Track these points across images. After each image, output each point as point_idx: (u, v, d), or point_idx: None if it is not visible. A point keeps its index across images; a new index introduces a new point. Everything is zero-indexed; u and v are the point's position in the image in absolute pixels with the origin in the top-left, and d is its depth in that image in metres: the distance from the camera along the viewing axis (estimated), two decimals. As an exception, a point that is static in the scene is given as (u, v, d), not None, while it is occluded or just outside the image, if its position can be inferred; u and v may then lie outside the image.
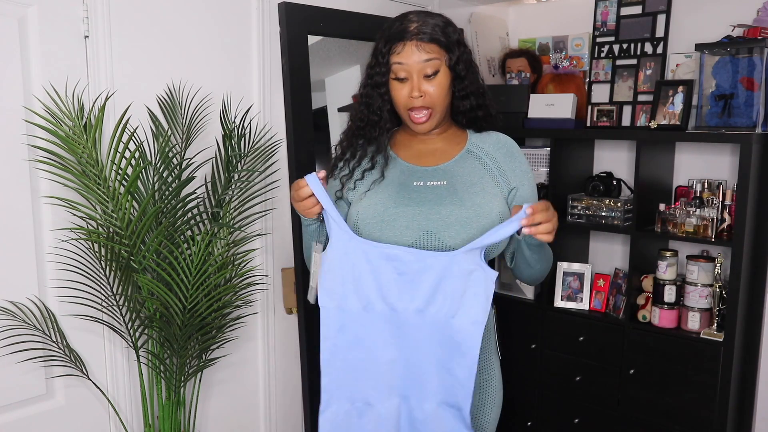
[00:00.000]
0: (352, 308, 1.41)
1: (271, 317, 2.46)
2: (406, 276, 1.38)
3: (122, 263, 1.84)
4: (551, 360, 2.74)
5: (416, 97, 1.44)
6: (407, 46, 1.42)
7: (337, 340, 1.43)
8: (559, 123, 2.75)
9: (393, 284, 1.39)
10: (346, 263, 1.40)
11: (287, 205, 2.41)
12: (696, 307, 2.42)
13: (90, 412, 2.05)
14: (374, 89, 1.49)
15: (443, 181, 1.48)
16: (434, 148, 1.54)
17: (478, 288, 1.37)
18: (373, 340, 1.41)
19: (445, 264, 1.37)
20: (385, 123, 1.51)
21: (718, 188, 2.45)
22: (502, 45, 3.25)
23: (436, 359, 1.40)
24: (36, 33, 1.83)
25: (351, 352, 1.43)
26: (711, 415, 2.35)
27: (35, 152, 1.81)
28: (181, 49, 2.12)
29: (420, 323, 1.39)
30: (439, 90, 1.45)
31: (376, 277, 1.39)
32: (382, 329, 1.41)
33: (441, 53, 1.44)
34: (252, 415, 2.49)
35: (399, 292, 1.39)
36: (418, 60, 1.42)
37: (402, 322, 1.40)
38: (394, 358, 1.42)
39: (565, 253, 2.77)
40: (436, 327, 1.39)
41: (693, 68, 2.60)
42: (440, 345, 1.40)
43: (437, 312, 1.38)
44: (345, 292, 1.41)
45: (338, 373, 1.44)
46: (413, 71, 1.43)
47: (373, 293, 1.39)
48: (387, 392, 1.44)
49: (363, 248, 1.40)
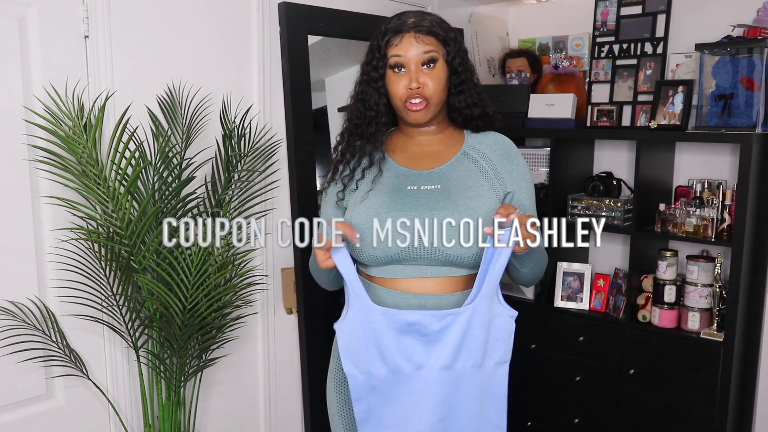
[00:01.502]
0: (379, 373, 1.42)
1: (271, 317, 2.46)
2: (429, 337, 1.39)
3: (122, 263, 1.84)
4: (551, 360, 2.74)
5: (414, 88, 1.43)
6: (405, 37, 1.43)
7: (370, 401, 1.44)
8: (559, 123, 2.74)
9: (417, 347, 1.39)
10: (368, 332, 1.41)
11: (287, 205, 2.41)
12: (696, 307, 2.42)
13: (90, 412, 2.05)
14: (370, 85, 1.49)
15: (437, 185, 1.46)
16: (430, 151, 1.53)
17: (501, 332, 1.41)
18: (405, 399, 1.42)
19: (467, 318, 1.38)
20: (381, 117, 1.50)
21: (718, 188, 2.45)
22: (502, 45, 3.25)
23: (468, 410, 1.42)
24: (36, 33, 1.82)
25: (385, 409, 1.44)
26: (711, 415, 2.35)
27: (35, 152, 1.81)
28: (181, 49, 2.12)
29: (447, 379, 1.40)
30: (436, 82, 1.44)
31: (399, 342, 1.40)
32: (412, 389, 1.41)
33: (438, 46, 1.45)
34: (252, 415, 2.49)
35: (425, 353, 1.39)
36: (417, 51, 1.43)
37: (431, 379, 1.40)
38: (428, 415, 1.41)
39: (565, 253, 2.77)
40: (464, 379, 1.40)
41: (693, 68, 2.60)
42: (470, 395, 1.41)
43: (463, 365, 1.39)
44: (369, 359, 1.41)
45: (375, 428, 1.45)
46: (411, 62, 1.44)
47: (398, 358, 1.40)
48: None
49: (383, 318, 1.40)
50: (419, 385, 1.41)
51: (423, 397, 1.41)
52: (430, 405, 1.41)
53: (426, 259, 1.42)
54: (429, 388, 1.40)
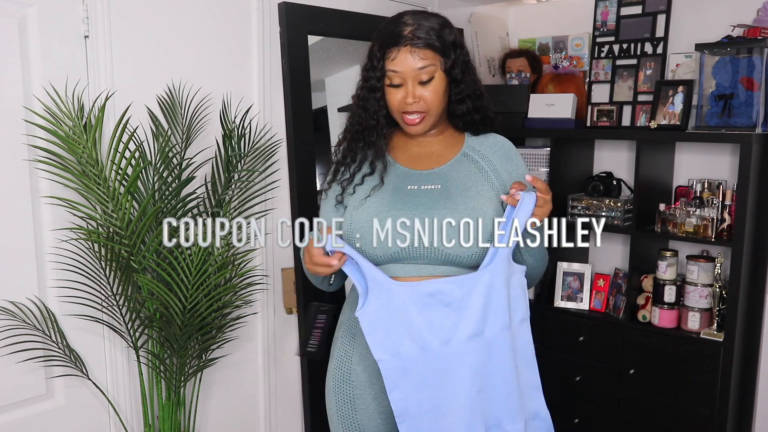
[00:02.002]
0: (409, 353, 1.38)
1: (271, 317, 2.46)
2: (453, 306, 1.37)
3: (122, 263, 1.84)
4: (551, 360, 2.74)
5: (410, 103, 1.43)
6: (401, 52, 1.41)
7: (404, 387, 1.40)
8: (559, 123, 2.75)
9: (443, 318, 1.37)
10: (393, 311, 1.38)
11: (287, 205, 2.41)
12: (696, 307, 2.42)
13: (90, 412, 2.05)
14: (370, 93, 1.48)
15: (437, 185, 1.47)
16: (430, 151, 1.53)
17: (519, 289, 1.41)
18: (439, 379, 1.39)
19: (488, 281, 1.37)
20: (382, 128, 1.50)
21: (718, 188, 2.45)
22: (502, 45, 3.25)
23: (504, 376, 1.40)
24: (36, 33, 1.82)
25: (421, 394, 1.40)
26: (711, 415, 2.35)
27: (35, 152, 1.81)
28: (181, 49, 2.12)
29: (477, 347, 1.38)
30: (433, 95, 1.44)
31: (424, 317, 1.37)
32: (445, 366, 1.38)
33: (436, 58, 1.42)
34: (252, 415, 2.49)
35: (452, 324, 1.37)
36: (413, 67, 1.41)
37: (462, 351, 1.38)
38: (464, 389, 1.39)
39: (565, 253, 2.77)
40: (494, 344, 1.39)
41: (693, 68, 2.60)
42: (504, 359, 1.40)
43: (492, 329, 1.38)
44: (397, 339, 1.38)
45: (414, 419, 1.41)
46: (408, 78, 1.42)
47: (425, 333, 1.37)
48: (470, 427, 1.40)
49: (404, 290, 1.38)
50: (451, 360, 1.38)
51: (456, 372, 1.38)
52: (466, 378, 1.38)
53: (426, 259, 1.42)
54: (461, 361, 1.38)
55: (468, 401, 1.39)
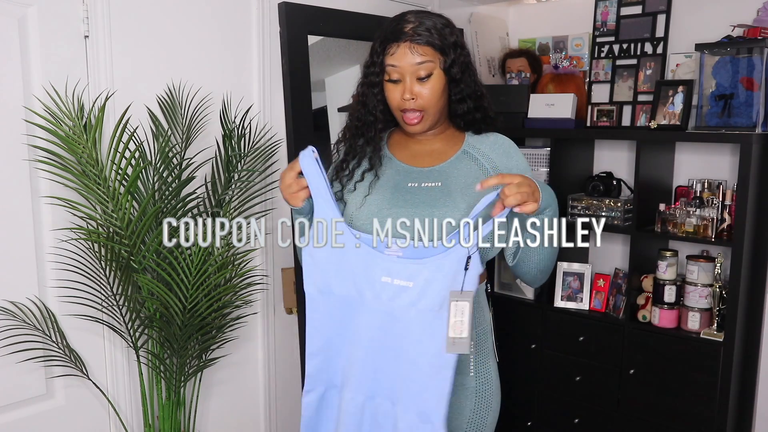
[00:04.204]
0: (338, 294, 1.39)
1: (271, 317, 2.46)
2: (402, 274, 1.35)
3: (122, 263, 1.84)
4: (551, 360, 2.74)
5: (408, 100, 1.43)
6: (401, 47, 1.41)
7: (323, 325, 1.42)
8: (559, 123, 2.74)
9: (386, 274, 1.35)
10: (335, 249, 1.38)
11: (287, 205, 2.40)
12: (696, 307, 2.42)
13: (90, 412, 2.05)
14: (369, 88, 1.49)
15: (438, 183, 1.47)
16: (431, 149, 1.54)
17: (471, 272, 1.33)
18: (357, 328, 1.39)
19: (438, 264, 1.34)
20: (379, 123, 1.50)
21: (718, 188, 2.45)
22: (502, 45, 3.25)
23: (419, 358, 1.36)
24: (36, 33, 1.83)
25: (335, 338, 1.42)
26: (711, 415, 2.35)
27: (35, 152, 1.81)
28: (181, 49, 2.12)
29: (411, 317, 1.35)
30: (431, 93, 1.44)
31: (365, 267, 1.36)
32: (369, 320, 1.38)
33: (435, 56, 1.42)
34: (252, 415, 2.49)
35: (393, 286, 1.35)
36: (411, 62, 1.41)
37: (393, 315, 1.36)
38: (373, 352, 1.38)
39: (565, 253, 2.76)
40: (426, 320, 1.34)
41: (693, 68, 2.60)
42: (429, 339, 1.35)
43: (426, 306, 1.34)
44: (329, 279, 1.39)
45: (318, 358, 1.44)
46: (406, 73, 1.42)
47: (362, 281, 1.37)
48: (359, 386, 1.41)
49: (353, 236, 1.38)
50: (377, 317, 1.36)
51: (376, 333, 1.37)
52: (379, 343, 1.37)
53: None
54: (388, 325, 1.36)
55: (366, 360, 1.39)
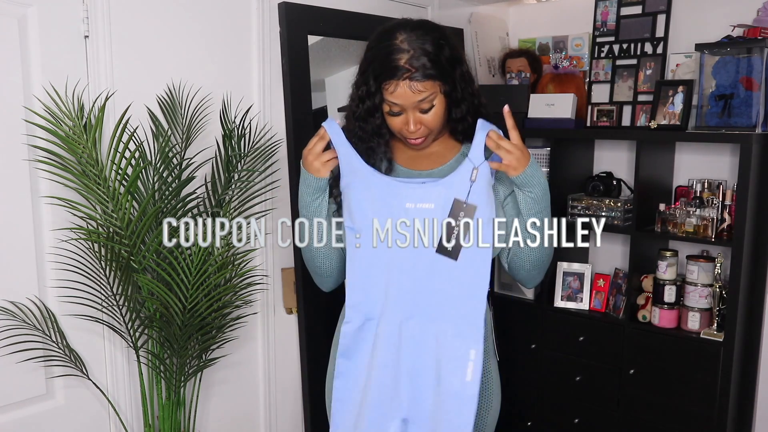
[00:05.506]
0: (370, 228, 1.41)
1: (271, 317, 2.46)
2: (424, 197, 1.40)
3: (122, 263, 1.84)
4: (551, 360, 2.74)
5: (413, 131, 1.42)
6: (400, 86, 1.37)
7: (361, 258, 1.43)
8: (559, 123, 2.74)
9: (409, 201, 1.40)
10: (364, 188, 1.42)
11: (287, 205, 2.41)
12: (696, 307, 2.42)
13: (90, 412, 2.05)
14: (368, 115, 1.46)
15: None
16: (430, 152, 1.53)
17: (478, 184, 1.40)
18: (391, 257, 1.41)
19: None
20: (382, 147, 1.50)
21: (718, 188, 2.45)
22: (502, 45, 3.25)
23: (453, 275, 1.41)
24: (36, 33, 1.83)
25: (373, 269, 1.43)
26: (711, 415, 2.35)
27: (35, 152, 1.81)
28: (181, 49, 2.12)
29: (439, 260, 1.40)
30: (435, 118, 1.43)
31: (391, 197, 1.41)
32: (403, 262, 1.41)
33: (435, 86, 1.39)
34: (252, 415, 2.49)
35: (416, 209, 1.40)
36: (413, 100, 1.39)
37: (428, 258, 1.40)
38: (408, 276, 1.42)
39: (565, 253, 2.77)
40: None
41: (693, 68, 2.60)
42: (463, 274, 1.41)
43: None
44: (363, 214, 1.42)
45: (358, 291, 1.45)
46: (408, 107, 1.41)
47: (390, 211, 1.41)
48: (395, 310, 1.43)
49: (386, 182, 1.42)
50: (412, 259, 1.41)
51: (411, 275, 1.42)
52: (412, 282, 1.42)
53: None
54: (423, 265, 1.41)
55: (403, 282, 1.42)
